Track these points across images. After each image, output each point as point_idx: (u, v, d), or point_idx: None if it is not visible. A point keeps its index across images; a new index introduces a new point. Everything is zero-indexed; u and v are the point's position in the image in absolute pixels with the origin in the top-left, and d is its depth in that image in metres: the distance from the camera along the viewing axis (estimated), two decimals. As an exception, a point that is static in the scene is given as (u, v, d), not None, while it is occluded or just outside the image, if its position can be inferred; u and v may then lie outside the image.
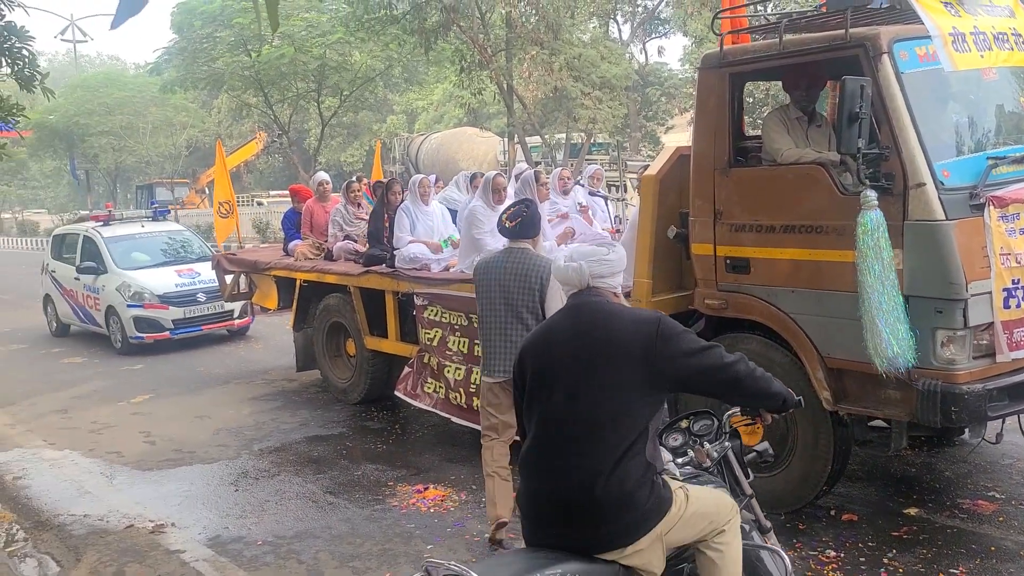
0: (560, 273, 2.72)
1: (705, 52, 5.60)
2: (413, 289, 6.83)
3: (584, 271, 2.67)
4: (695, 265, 5.10)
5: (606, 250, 2.75)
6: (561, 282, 2.74)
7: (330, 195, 9.33)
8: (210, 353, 11.18)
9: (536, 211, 4.84)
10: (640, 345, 2.52)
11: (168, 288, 11.43)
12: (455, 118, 36.64)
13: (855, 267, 4.09)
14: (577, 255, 2.73)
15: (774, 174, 4.78)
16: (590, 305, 2.65)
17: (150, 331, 11.31)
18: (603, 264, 2.69)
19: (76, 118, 34.05)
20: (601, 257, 2.70)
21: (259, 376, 9.69)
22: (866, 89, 4.03)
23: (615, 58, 21.72)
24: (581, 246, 2.81)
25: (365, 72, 24.57)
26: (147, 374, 10.18)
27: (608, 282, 2.71)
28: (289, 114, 28.35)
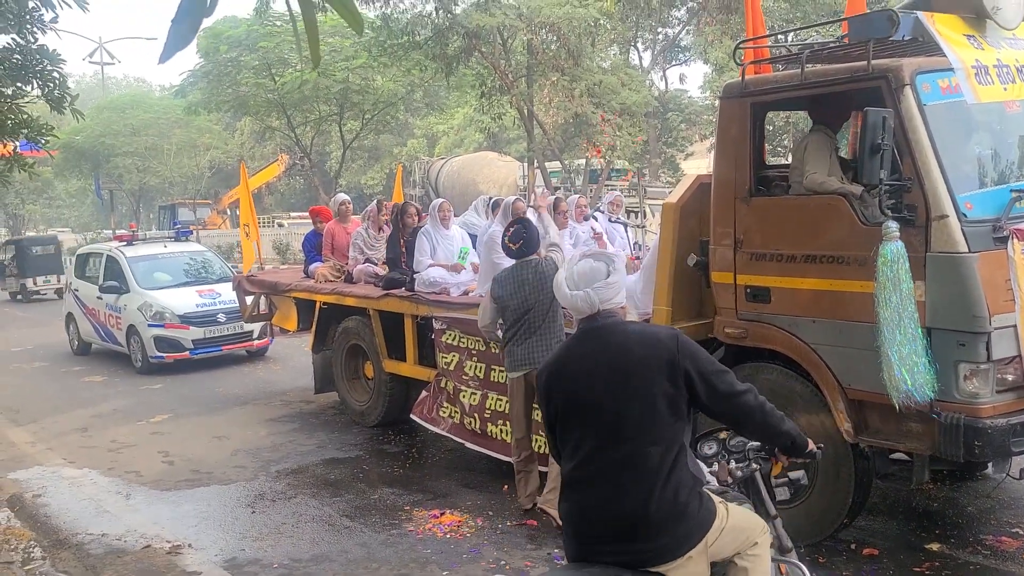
0: (568, 303, 2.71)
1: (726, 81, 5.64)
2: (432, 313, 6.86)
3: (593, 299, 2.66)
4: (715, 293, 5.10)
5: (605, 268, 2.70)
6: (570, 310, 2.74)
7: (351, 216, 9.41)
8: (229, 374, 11.25)
9: (533, 228, 5.47)
10: (663, 359, 2.55)
11: (189, 308, 11.54)
12: (475, 142, 36.88)
13: (875, 298, 4.08)
14: (579, 280, 2.69)
15: (796, 203, 4.79)
16: (607, 328, 2.67)
17: (170, 351, 11.40)
18: (608, 288, 2.68)
19: (102, 139, 34.58)
20: (605, 282, 2.67)
21: (277, 397, 9.73)
22: (888, 120, 4.05)
23: (635, 85, 21.78)
24: (579, 266, 2.73)
25: (387, 96, 24.82)
26: (166, 394, 10.25)
27: (615, 301, 2.70)
28: (311, 137, 28.65)
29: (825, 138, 4.93)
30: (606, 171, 23.70)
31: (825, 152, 4.84)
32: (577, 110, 20.00)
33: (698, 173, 5.65)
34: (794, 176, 4.98)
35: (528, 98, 21.01)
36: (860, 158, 4.08)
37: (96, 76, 60.78)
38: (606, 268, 2.70)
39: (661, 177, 31.86)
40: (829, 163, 4.82)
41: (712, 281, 5.10)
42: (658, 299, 5.31)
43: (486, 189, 27.99)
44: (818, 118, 5.06)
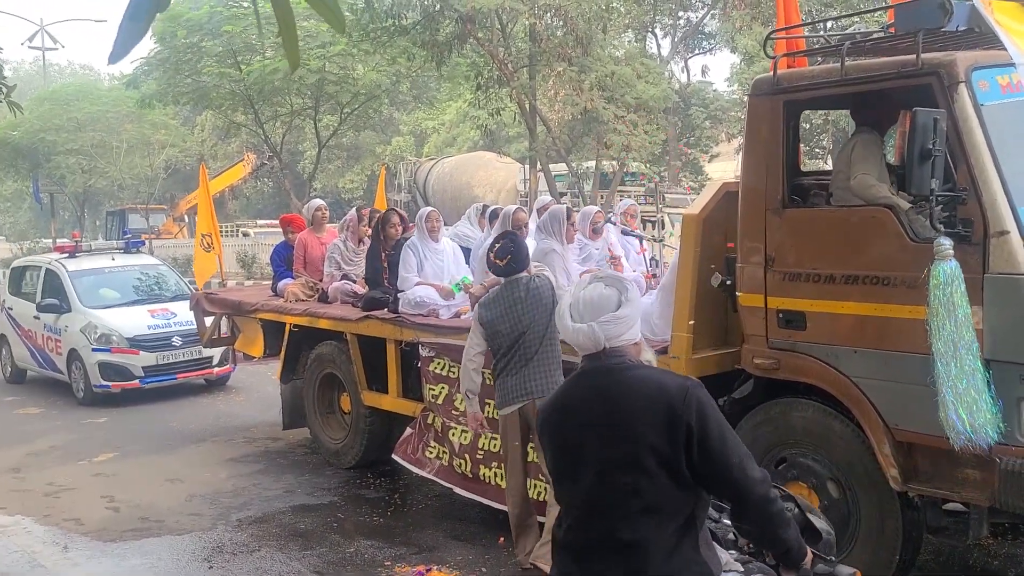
0: (570, 336, 2.60)
1: (756, 73, 5.70)
2: (418, 338, 6.87)
3: (598, 335, 2.55)
4: (743, 318, 5.11)
5: (616, 298, 2.58)
6: (572, 345, 2.65)
7: (327, 224, 9.44)
8: (185, 406, 11.23)
9: (521, 242, 5.52)
10: (663, 412, 2.46)
11: (139, 330, 11.54)
12: (470, 141, 37.02)
13: (926, 325, 4.09)
14: (584, 311, 2.58)
15: (835, 216, 4.81)
16: (610, 371, 2.56)
17: (117, 379, 11.40)
18: (617, 323, 2.55)
19: (42, 135, 34.64)
20: (613, 316, 2.55)
21: (240, 434, 9.72)
22: (940, 123, 4.08)
23: (653, 77, 21.90)
24: (586, 293, 2.61)
25: (369, 88, 24.92)
26: (112, 429, 10.23)
27: (626, 338, 2.58)
28: (282, 134, 28.75)
29: (875, 139, 4.97)
30: (619, 175, 23.76)
31: (876, 154, 4.88)
32: (586, 105, 20.07)
33: (724, 180, 5.68)
34: (837, 182, 5.02)
35: (530, 91, 21.10)
36: (908, 165, 4.11)
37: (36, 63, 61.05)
38: (617, 298, 2.58)
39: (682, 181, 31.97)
40: (880, 168, 4.86)
41: (739, 304, 5.12)
42: (677, 324, 5.32)
43: (482, 194, 28.08)
44: (861, 119, 5.10)
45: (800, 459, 4.94)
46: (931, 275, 4.07)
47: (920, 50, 4.38)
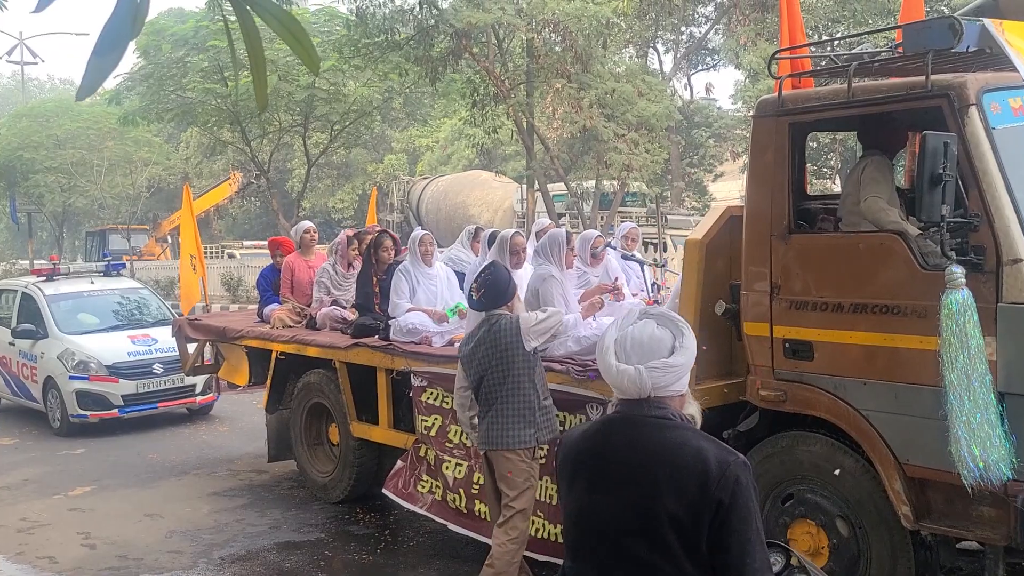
0: (611, 377, 2.41)
1: (761, 91, 5.75)
2: (410, 367, 6.87)
3: (644, 381, 2.35)
4: (747, 348, 5.12)
5: (670, 342, 2.38)
6: (611, 385, 2.45)
7: (315, 247, 9.45)
8: (165, 437, 11.19)
9: (502, 275, 5.40)
10: (695, 483, 2.27)
11: (119, 357, 11.52)
12: (465, 159, 37.18)
13: (938, 357, 4.10)
14: (632, 351, 2.38)
15: (843, 242, 4.83)
16: (646, 425, 2.38)
17: (95, 408, 11.36)
18: (668, 373, 2.36)
19: (20, 152, 34.74)
20: (665, 363, 2.35)
21: (223, 466, 9.68)
22: (951, 147, 4.10)
23: (655, 94, 22.05)
24: (635, 330, 2.41)
25: (360, 105, 25.05)
26: (89, 461, 10.19)
27: (674, 389, 2.39)
28: (269, 151, 28.84)
29: (885, 162, 5.00)
30: (620, 195, 23.85)
31: (886, 177, 4.91)
32: (585, 123, 20.20)
33: (728, 204, 5.70)
34: (846, 206, 5.04)
35: (527, 109, 21.23)
36: (918, 190, 4.13)
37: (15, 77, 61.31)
38: (671, 342, 2.38)
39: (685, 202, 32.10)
40: (890, 191, 4.88)
41: (744, 333, 5.13)
42: (680, 354, 5.32)
43: (477, 214, 28.17)
44: (869, 142, 5.13)
45: (808, 495, 4.93)
46: (942, 304, 4.08)
47: (929, 71, 4.41)
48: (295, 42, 1.73)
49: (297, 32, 1.72)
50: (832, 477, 4.76)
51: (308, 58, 1.77)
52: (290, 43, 1.73)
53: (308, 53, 1.75)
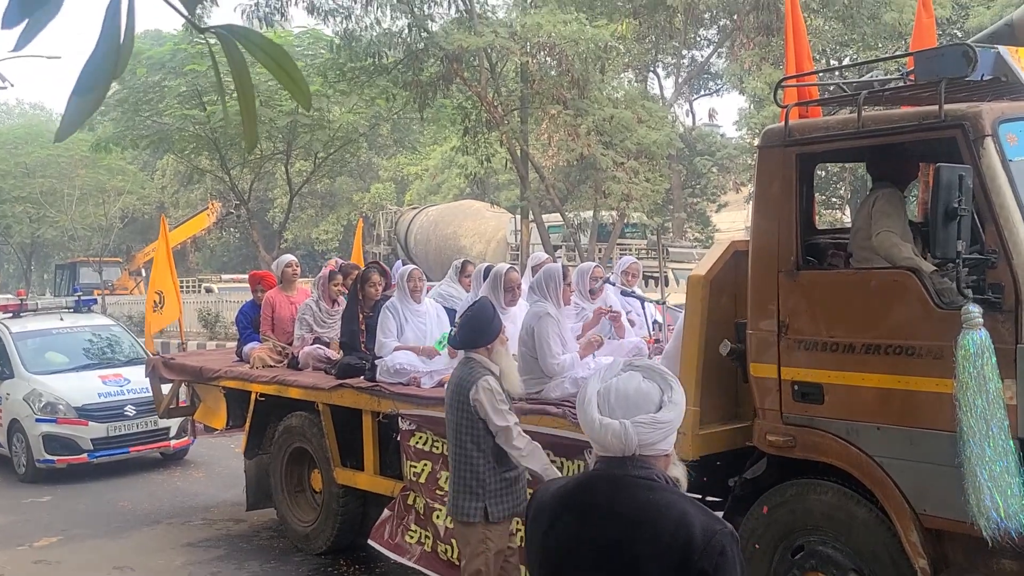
0: (593, 432, 2.35)
1: (766, 118, 5.80)
2: (397, 409, 6.85)
3: (630, 437, 2.29)
4: (754, 390, 5.12)
5: (658, 396, 2.33)
6: (592, 441, 2.40)
7: (298, 282, 9.45)
8: (138, 483, 11.12)
9: (484, 313, 5.19)
10: (675, 554, 2.22)
11: (89, 398, 11.47)
12: (455, 188, 37.33)
13: (955, 400, 4.10)
14: (616, 404, 2.33)
15: (854, 279, 4.85)
16: (628, 486, 2.32)
17: (63, 453, 11.29)
18: (656, 429, 2.30)
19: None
20: (653, 419, 2.30)
21: (198, 514, 9.62)
22: (966, 180, 4.12)
23: (655, 121, 22.22)
24: (620, 382, 2.36)
25: (346, 131, 25.17)
26: (56, 509, 10.11)
27: (659, 448, 2.34)
28: (250, 180, 28.93)
29: (897, 194, 5.03)
30: (619, 226, 23.94)
31: (899, 210, 4.93)
32: (583, 151, 20.31)
33: (733, 238, 5.72)
34: (857, 240, 5.06)
35: (522, 136, 21.35)
36: (932, 225, 4.15)
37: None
38: (659, 396, 2.33)
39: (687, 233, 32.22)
40: (903, 225, 4.91)
41: (750, 375, 5.12)
42: (683, 396, 5.31)
43: (469, 245, 28.25)
44: (879, 173, 5.16)
45: (819, 547, 4.90)
46: (959, 345, 4.08)
47: (942, 101, 4.45)
48: (285, 77, 1.74)
49: (287, 66, 1.73)
50: (845, 528, 4.74)
51: (300, 94, 1.78)
52: (280, 78, 1.74)
53: (299, 88, 1.76)
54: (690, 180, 33.43)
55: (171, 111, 23.92)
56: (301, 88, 1.76)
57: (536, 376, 6.14)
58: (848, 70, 11.45)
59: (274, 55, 1.71)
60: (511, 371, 5.22)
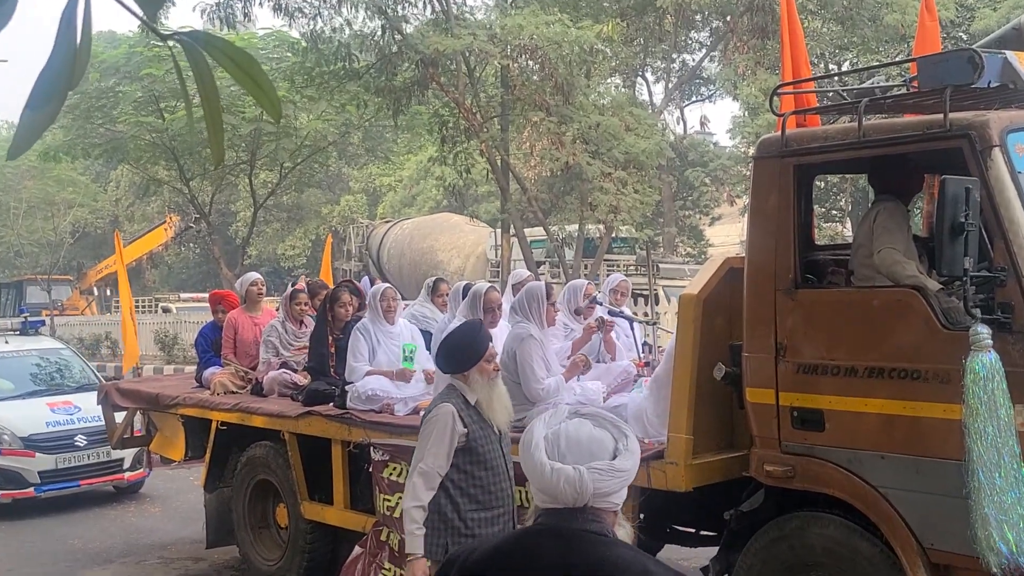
0: (543, 479, 2.27)
1: (761, 126, 5.84)
2: (369, 438, 6.81)
3: (585, 485, 2.24)
4: (750, 417, 5.13)
5: (611, 445, 2.31)
6: (541, 491, 2.31)
7: (263, 302, 9.42)
8: (89, 519, 11.02)
9: (462, 336, 5.00)
10: None
11: (36, 427, 11.37)
12: (432, 201, 37.36)
13: (963, 427, 4.12)
14: (567, 450, 2.29)
15: (855, 298, 4.88)
16: (583, 542, 2.24)
17: (8, 487, 11.18)
18: (614, 477, 2.27)
19: (-75, 193, 34.61)
20: (612, 467, 2.27)
21: (154, 553, 9.54)
22: (973, 192, 4.16)
23: (644, 128, 22.29)
24: (568, 428, 2.33)
25: (314, 140, 25.16)
26: (1, 548, 10.00)
27: (615, 500, 2.31)
28: (211, 192, 28.85)
29: (900, 208, 5.07)
30: (606, 241, 23.99)
31: (901, 226, 4.96)
32: (567, 160, 20.36)
33: (727, 255, 5.75)
34: (858, 258, 5.09)
35: (502, 144, 21.40)
36: (938, 241, 4.18)
37: (-78, 108, 61.12)
38: (613, 444, 2.31)
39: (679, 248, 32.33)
40: (906, 241, 4.94)
41: (747, 400, 5.14)
42: (674, 423, 5.32)
43: (446, 260, 28.24)
44: (881, 186, 5.20)
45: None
46: (967, 369, 4.11)
47: (948, 109, 4.49)
48: (253, 86, 1.74)
49: (255, 74, 1.73)
50: (849, 563, 4.75)
51: (269, 104, 1.78)
52: (248, 87, 1.74)
53: (268, 98, 1.76)
54: (681, 192, 33.57)
55: (126, 118, 23.81)
56: (270, 97, 1.76)
57: (519, 402, 6.12)
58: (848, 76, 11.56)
59: (241, 63, 1.71)
60: (493, 401, 4.92)
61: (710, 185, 33.00)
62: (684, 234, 33.87)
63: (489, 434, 4.87)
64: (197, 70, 1.68)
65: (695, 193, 33.56)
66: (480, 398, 4.85)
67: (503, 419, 4.92)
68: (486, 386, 4.89)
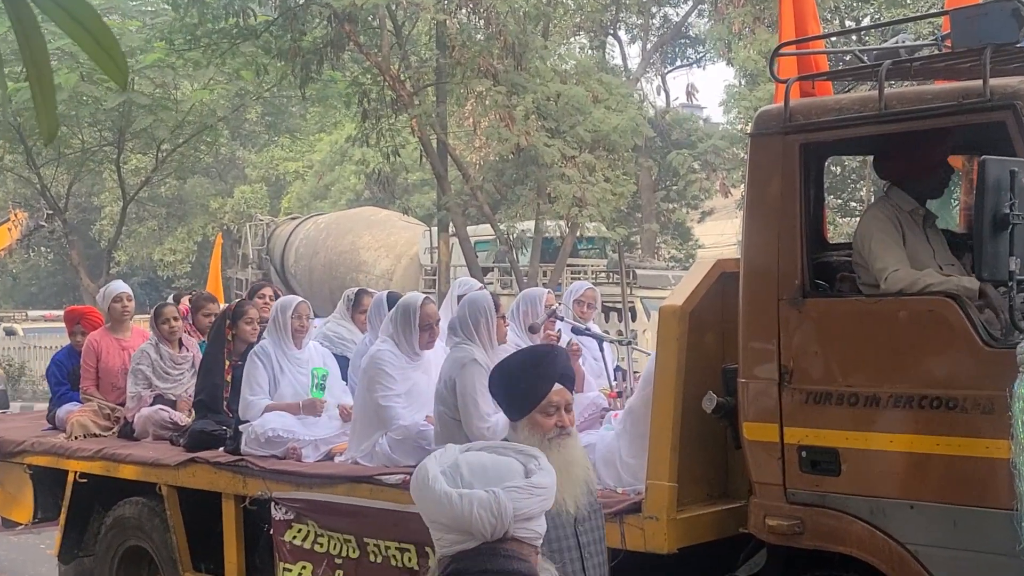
0: (451, 511, 2.43)
1: (761, 100, 5.87)
2: (270, 492, 6.78)
3: (503, 507, 2.40)
4: (748, 458, 5.15)
5: (520, 467, 2.53)
6: (448, 529, 2.47)
7: (131, 321, 9.33)
8: (-91, 599, 10.88)
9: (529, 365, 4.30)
10: None
11: None
12: (351, 192, 37.26)
13: (1012, 467, 4.16)
14: (474, 476, 2.48)
15: (877, 309, 4.90)
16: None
17: None
18: (534, 495, 2.46)
19: None
20: (530, 484, 2.47)
21: (-6, 642, 9.44)
22: (1019, 176, 4.21)
23: (616, 100, 22.41)
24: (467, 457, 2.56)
25: (199, 115, 25.00)
26: None
27: (536, 527, 2.48)
28: (68, 182, 28.56)
29: (882, 210, 5.11)
30: (570, 241, 24.03)
31: (891, 232, 4.98)
32: (520, 140, 20.37)
33: (719, 257, 5.77)
34: (863, 277, 5.12)
35: (439, 121, 21.37)
36: (977, 237, 4.23)
37: None
38: (522, 466, 2.55)
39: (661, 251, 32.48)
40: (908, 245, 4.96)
41: (743, 437, 5.16)
42: (654, 468, 5.33)
43: (372, 260, 28.12)
44: (895, 174, 5.22)
45: (838, 667, 4.95)
46: (1015, 396, 4.14)
47: (988, 74, 4.54)
48: (92, 43, 1.72)
49: (96, 30, 1.71)
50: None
51: (112, 66, 1.76)
52: (86, 45, 1.72)
53: (113, 59, 1.74)
54: (664, 180, 33.72)
55: (-42, 89, 23.53)
56: (114, 58, 1.74)
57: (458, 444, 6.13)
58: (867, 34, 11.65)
59: (77, 14, 1.69)
60: None
61: (699, 171, 33.06)
62: (667, 232, 34.04)
63: (554, 517, 3.90)
64: (20, 23, 1.66)
65: (681, 181, 33.69)
66: None
67: (576, 493, 4.11)
68: (541, 448, 3.85)
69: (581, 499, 4.08)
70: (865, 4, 25.67)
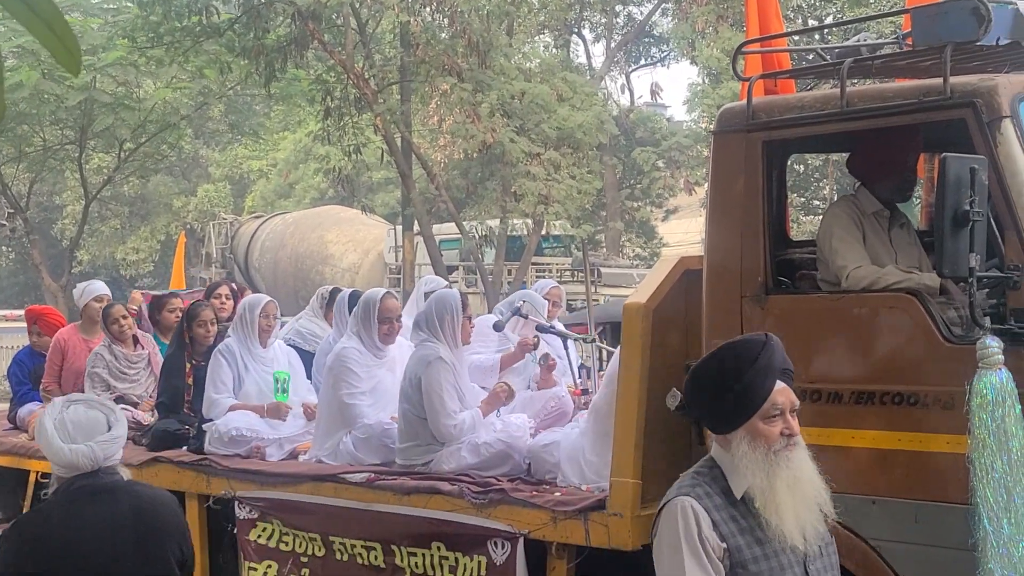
0: (64, 457, 3.82)
1: (725, 98, 5.87)
2: (233, 491, 6.75)
3: (96, 454, 3.82)
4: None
5: (103, 419, 3.88)
6: (62, 467, 3.87)
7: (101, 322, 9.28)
8: None
9: (741, 359, 3.51)
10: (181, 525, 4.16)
11: None
12: (315, 190, 37.13)
13: (967, 463, 4.18)
14: (75, 432, 3.82)
15: (839, 306, 4.92)
16: (117, 489, 3.90)
17: None
18: (113, 443, 3.88)
19: None
20: (110, 436, 3.87)
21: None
22: (979, 174, 4.20)
23: (581, 98, 22.43)
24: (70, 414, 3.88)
25: (162, 113, 24.86)
26: None
27: (117, 458, 3.94)
28: (29, 181, 28.33)
29: (844, 208, 5.12)
30: (535, 240, 24.04)
31: (851, 230, 4.99)
32: (485, 138, 20.36)
33: (683, 255, 5.78)
34: (824, 274, 5.14)
35: (403, 119, 21.33)
36: (937, 234, 4.23)
37: None
38: (105, 419, 3.89)
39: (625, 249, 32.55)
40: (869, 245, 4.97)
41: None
42: (618, 465, 5.33)
43: (339, 255, 28.01)
44: (863, 173, 5.24)
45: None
46: (974, 391, 4.15)
47: (948, 72, 4.55)
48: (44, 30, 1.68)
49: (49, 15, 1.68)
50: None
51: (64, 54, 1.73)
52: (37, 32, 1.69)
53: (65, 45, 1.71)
54: (628, 178, 33.78)
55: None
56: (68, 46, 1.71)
57: (424, 443, 6.13)
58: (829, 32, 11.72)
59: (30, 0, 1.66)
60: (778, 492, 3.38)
61: (663, 169, 33.15)
62: (632, 230, 34.09)
63: (777, 555, 3.37)
64: None
65: (645, 179, 33.74)
66: (754, 486, 3.39)
67: (806, 522, 3.40)
68: (764, 465, 3.39)
69: (810, 530, 3.38)
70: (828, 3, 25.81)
